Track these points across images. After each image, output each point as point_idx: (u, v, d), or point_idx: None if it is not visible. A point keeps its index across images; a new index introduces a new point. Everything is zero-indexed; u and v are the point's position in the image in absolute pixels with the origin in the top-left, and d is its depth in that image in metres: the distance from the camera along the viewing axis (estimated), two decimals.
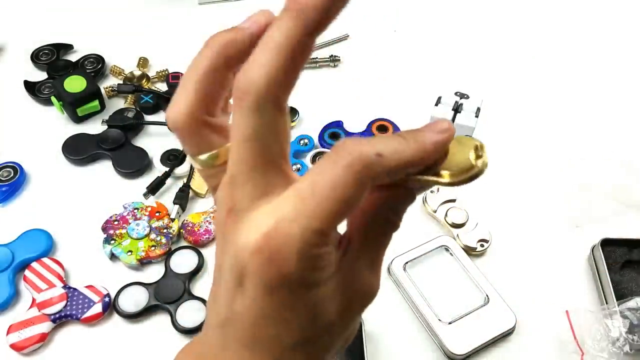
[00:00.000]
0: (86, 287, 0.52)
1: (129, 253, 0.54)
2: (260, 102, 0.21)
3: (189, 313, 0.50)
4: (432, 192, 0.58)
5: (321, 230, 0.21)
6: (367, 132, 0.64)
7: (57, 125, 0.66)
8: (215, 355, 0.25)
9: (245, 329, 0.24)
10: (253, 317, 0.23)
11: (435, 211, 0.57)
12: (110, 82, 0.71)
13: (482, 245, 0.55)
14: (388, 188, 0.26)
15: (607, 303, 0.50)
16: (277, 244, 0.21)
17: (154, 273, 0.54)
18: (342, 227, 0.24)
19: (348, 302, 0.24)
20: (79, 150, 0.62)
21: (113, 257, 0.54)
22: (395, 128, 0.65)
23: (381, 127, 0.65)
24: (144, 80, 0.70)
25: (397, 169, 0.23)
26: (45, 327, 0.49)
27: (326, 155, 0.22)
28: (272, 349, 0.24)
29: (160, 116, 0.67)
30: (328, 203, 0.21)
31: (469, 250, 0.55)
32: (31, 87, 0.68)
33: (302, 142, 0.63)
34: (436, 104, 0.61)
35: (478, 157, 0.25)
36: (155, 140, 0.64)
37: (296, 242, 0.21)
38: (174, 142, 0.63)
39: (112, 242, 0.54)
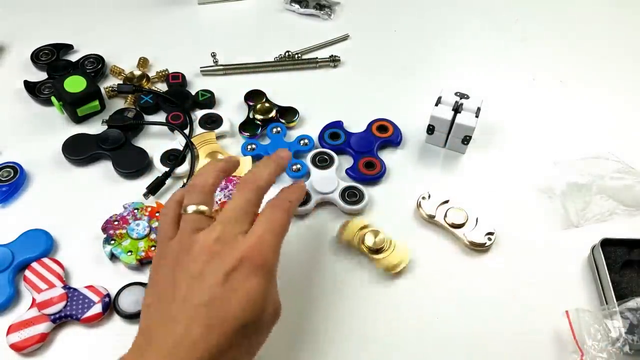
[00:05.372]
0: (86, 287, 0.52)
1: (129, 253, 0.54)
2: (258, 188, 0.45)
3: None
4: (423, 198, 0.58)
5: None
6: (367, 132, 0.64)
7: (57, 125, 0.66)
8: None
9: (223, 307, 0.39)
10: (242, 299, 0.39)
11: (433, 216, 0.57)
12: (110, 82, 0.71)
13: (489, 239, 0.55)
14: None
15: (607, 303, 0.50)
16: (264, 243, 0.42)
17: None
18: None
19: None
20: (78, 151, 0.62)
21: (113, 257, 0.54)
22: (395, 128, 0.65)
23: (381, 127, 0.65)
24: (144, 80, 0.70)
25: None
26: (45, 327, 0.49)
27: (268, 208, 0.45)
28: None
29: (160, 116, 0.67)
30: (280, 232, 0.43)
31: (477, 247, 0.55)
32: (31, 87, 0.68)
33: (302, 142, 0.63)
34: (436, 104, 0.61)
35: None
36: (155, 140, 0.64)
37: (273, 241, 0.42)
38: (173, 142, 0.63)
39: (112, 242, 0.54)
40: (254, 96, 0.68)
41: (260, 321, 0.40)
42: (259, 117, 0.66)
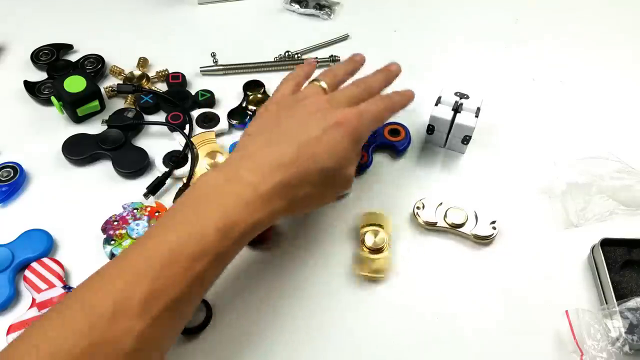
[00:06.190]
0: None
1: None
2: (370, 89, 0.55)
3: None
4: (418, 208, 0.58)
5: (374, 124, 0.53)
6: (379, 128, 0.64)
7: (57, 125, 0.66)
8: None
9: (319, 154, 0.47)
10: (329, 149, 0.48)
11: (435, 223, 0.57)
12: (110, 82, 0.71)
13: (494, 228, 0.55)
14: None
15: (606, 303, 0.50)
16: (362, 116, 0.50)
17: None
18: None
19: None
20: (78, 151, 0.62)
21: (113, 257, 0.54)
22: (407, 137, 0.64)
23: (394, 130, 0.64)
24: (144, 80, 0.70)
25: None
26: None
27: (375, 98, 0.54)
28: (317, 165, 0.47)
29: (160, 116, 0.67)
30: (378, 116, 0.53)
31: (483, 240, 0.55)
32: (31, 87, 0.68)
33: None
34: (436, 104, 0.61)
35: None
36: (155, 140, 0.64)
37: (370, 119, 0.51)
38: (173, 143, 0.63)
39: (112, 242, 0.54)
40: (252, 87, 0.69)
41: (334, 177, 0.49)
42: (252, 107, 0.67)
